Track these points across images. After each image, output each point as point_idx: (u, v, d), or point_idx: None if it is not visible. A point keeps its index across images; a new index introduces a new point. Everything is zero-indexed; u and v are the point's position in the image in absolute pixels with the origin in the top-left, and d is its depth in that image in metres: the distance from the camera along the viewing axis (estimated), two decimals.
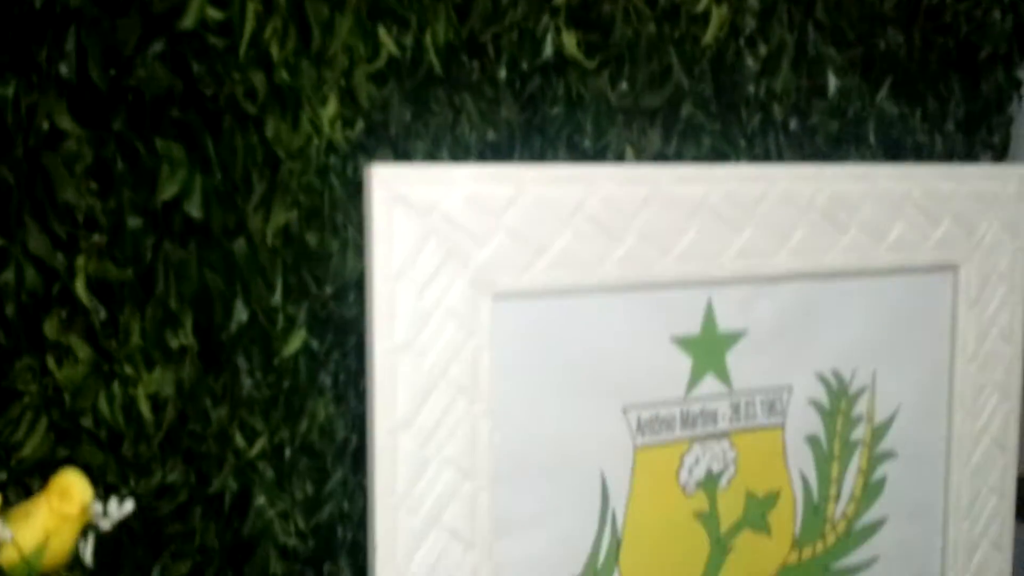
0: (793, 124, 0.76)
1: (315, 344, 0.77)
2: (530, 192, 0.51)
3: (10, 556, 0.36)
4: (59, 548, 0.38)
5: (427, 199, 0.49)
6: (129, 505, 0.41)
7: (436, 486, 0.50)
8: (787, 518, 0.62)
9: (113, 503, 0.40)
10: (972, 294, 0.67)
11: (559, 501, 0.55)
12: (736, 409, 0.60)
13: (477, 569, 0.52)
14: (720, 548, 0.60)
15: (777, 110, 0.75)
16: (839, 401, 0.63)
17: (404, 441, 0.49)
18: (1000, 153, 1.00)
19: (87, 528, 0.41)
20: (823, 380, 0.63)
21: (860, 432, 0.64)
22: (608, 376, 0.55)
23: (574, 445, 0.55)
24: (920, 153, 0.92)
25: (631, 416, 0.57)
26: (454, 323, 0.50)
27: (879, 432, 0.65)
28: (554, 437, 0.54)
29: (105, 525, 0.39)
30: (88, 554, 0.39)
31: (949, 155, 0.95)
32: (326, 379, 0.79)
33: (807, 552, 0.63)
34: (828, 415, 0.63)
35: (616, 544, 0.56)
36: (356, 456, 0.80)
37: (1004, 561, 0.71)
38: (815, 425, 0.63)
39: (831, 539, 0.64)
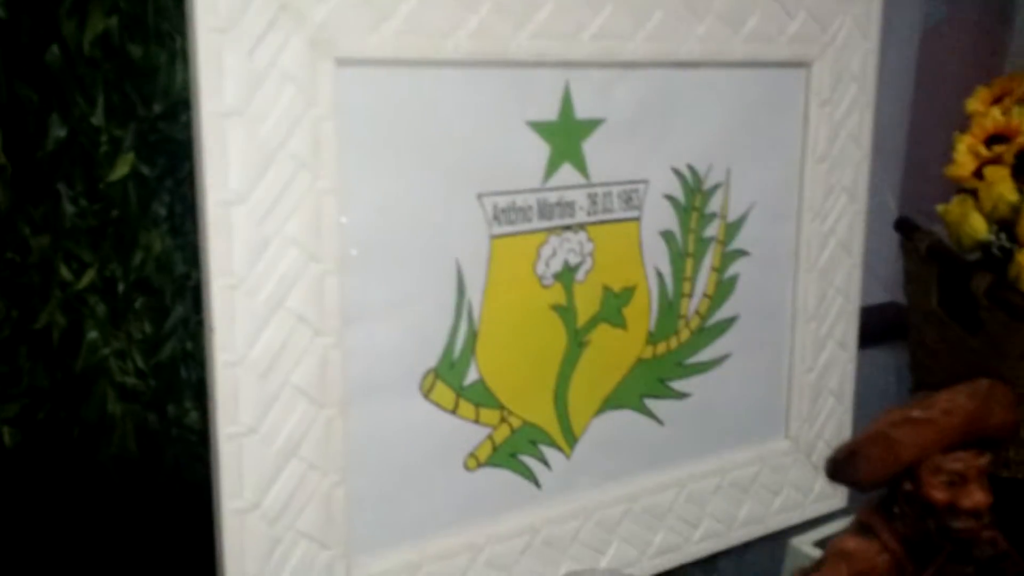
0: None
1: (145, 169, 0.71)
2: None
3: None
4: None
5: None
6: None
7: (278, 267, 0.47)
8: (642, 313, 0.62)
9: None
10: (824, 93, 0.67)
11: (412, 289, 0.52)
12: (593, 200, 0.58)
13: (326, 356, 0.49)
14: (576, 341, 0.59)
15: None
16: (694, 197, 0.63)
17: (239, 216, 0.45)
18: None
19: None
20: (679, 174, 0.62)
21: (714, 229, 0.64)
22: (462, 159, 0.53)
23: (427, 231, 0.52)
24: None
25: (486, 203, 0.54)
26: (292, 88, 0.46)
27: (732, 230, 0.65)
28: (406, 222, 0.51)
29: None
30: None
31: None
32: (160, 209, 0.73)
33: (661, 347, 0.63)
34: (683, 210, 0.62)
35: (472, 336, 0.55)
36: (197, 292, 0.75)
37: (848, 360, 0.73)
38: (670, 220, 0.62)
39: (685, 335, 0.64)
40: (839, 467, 0.45)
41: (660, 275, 0.62)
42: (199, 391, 0.78)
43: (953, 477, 0.43)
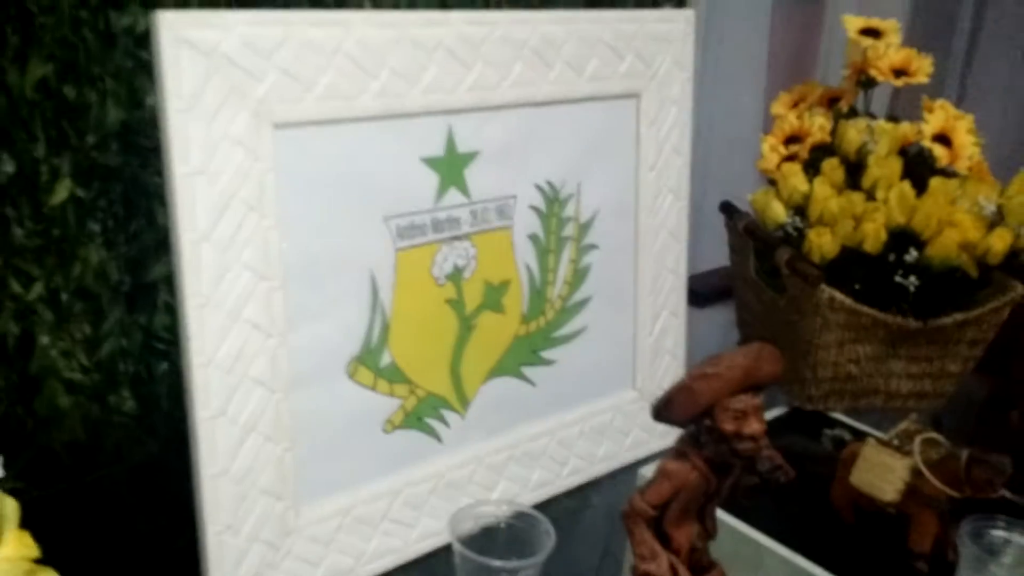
0: None
1: (82, 193, 0.82)
2: (296, 35, 0.60)
3: None
4: None
5: (208, 41, 0.57)
6: None
7: (236, 287, 0.60)
8: (516, 300, 0.78)
9: None
10: (651, 116, 0.84)
11: (338, 296, 0.67)
12: (474, 215, 0.74)
13: (275, 353, 0.63)
14: (466, 326, 0.75)
15: None
16: (553, 206, 0.79)
17: (206, 251, 0.58)
18: None
19: None
20: (540, 189, 0.78)
21: (570, 230, 0.81)
22: (371, 192, 0.67)
23: (348, 250, 0.67)
24: None
25: (391, 224, 0.69)
26: (241, 150, 0.59)
27: (584, 229, 0.82)
28: (332, 244, 0.65)
29: None
30: None
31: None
32: (95, 226, 0.85)
33: (533, 326, 0.80)
34: (545, 217, 0.79)
35: (385, 327, 0.70)
36: (129, 297, 0.87)
37: (680, 325, 0.91)
38: (535, 226, 0.78)
39: (550, 315, 0.81)
40: (659, 411, 0.63)
41: (529, 269, 0.78)
42: (135, 382, 0.89)
43: (738, 413, 0.61)
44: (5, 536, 0.42)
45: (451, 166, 0.71)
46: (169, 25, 0.55)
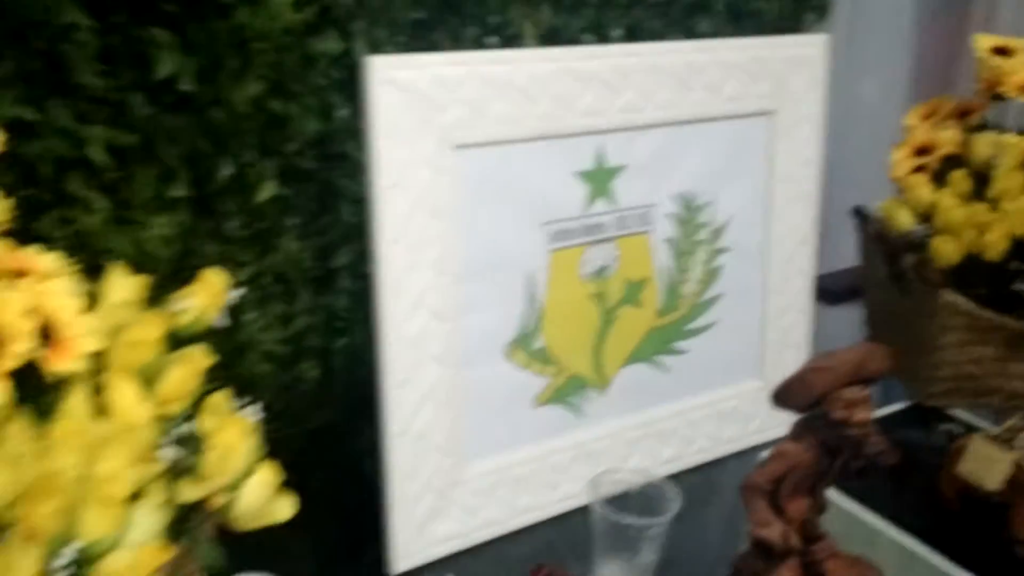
0: None
1: (282, 192, 0.96)
2: (476, 72, 0.72)
3: (187, 318, 0.57)
4: (211, 317, 0.60)
5: (407, 79, 0.69)
6: (236, 293, 0.62)
7: (420, 280, 0.73)
8: (653, 296, 0.88)
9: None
10: (784, 132, 0.92)
11: (501, 289, 0.79)
12: (619, 221, 0.84)
13: (449, 336, 0.76)
14: (608, 317, 0.86)
15: None
16: (689, 213, 0.89)
17: (399, 250, 0.71)
18: (821, 14, 1.24)
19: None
20: (678, 198, 0.88)
21: (704, 235, 0.90)
22: (531, 201, 0.79)
23: (511, 251, 0.78)
24: (758, 16, 1.15)
25: (547, 229, 0.80)
26: (428, 167, 0.72)
27: (717, 233, 0.91)
28: (497, 245, 0.78)
29: (230, 301, 0.60)
30: (222, 320, 0.61)
31: (780, 18, 1.19)
32: (292, 220, 0.99)
33: (667, 319, 0.90)
34: (681, 223, 0.88)
35: (539, 317, 0.81)
36: (317, 281, 1.01)
37: (805, 322, 0.99)
38: (672, 231, 0.88)
39: (684, 310, 0.91)
40: (777, 398, 0.72)
41: (665, 269, 0.88)
42: (318, 355, 1.04)
43: (848, 403, 0.70)
44: (261, 464, 0.56)
45: (600, 179, 0.82)
46: (377, 67, 0.68)
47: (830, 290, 1.32)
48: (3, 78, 0.76)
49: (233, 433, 0.53)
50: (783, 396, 0.73)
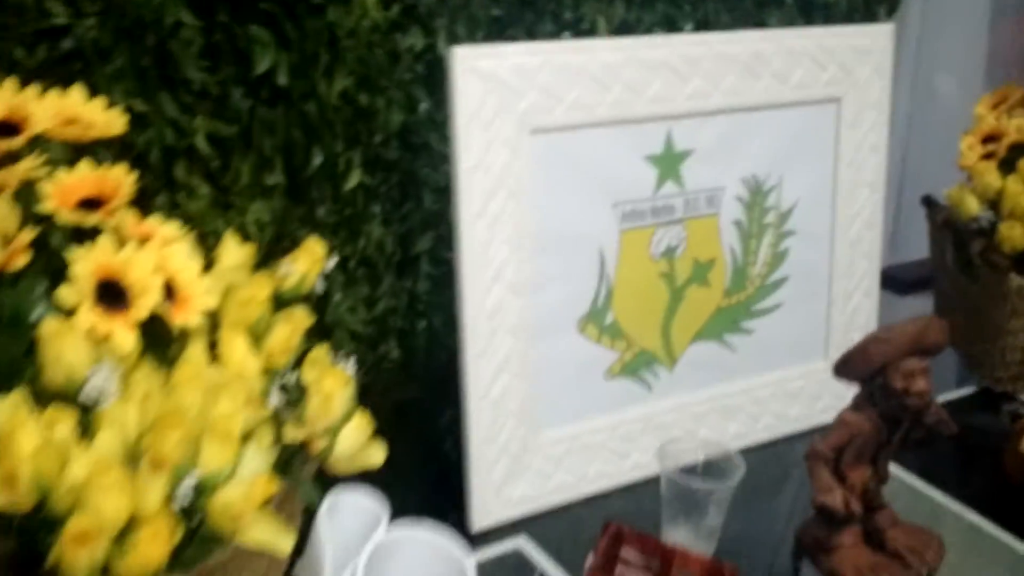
0: None
1: (368, 180, 1.02)
2: (553, 60, 0.77)
3: (291, 281, 0.63)
4: (311, 281, 0.66)
5: (488, 68, 0.75)
6: (332, 261, 0.68)
7: (498, 256, 0.78)
8: (720, 276, 0.92)
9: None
10: (850, 119, 0.95)
11: (574, 266, 0.83)
12: (687, 203, 0.88)
13: (523, 310, 0.81)
14: (676, 296, 0.89)
15: None
16: (756, 197, 0.92)
17: (479, 226, 0.76)
18: (891, 8, 1.26)
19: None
20: (745, 182, 0.91)
21: (770, 218, 0.93)
22: (603, 183, 0.83)
23: (583, 229, 0.83)
24: (827, 10, 1.18)
25: (618, 210, 0.85)
26: (506, 150, 0.77)
27: (783, 217, 0.94)
28: (571, 224, 0.82)
29: (326, 269, 0.66)
30: (319, 286, 0.66)
31: (850, 11, 1.21)
32: (376, 207, 1.04)
33: (734, 299, 0.93)
34: (748, 207, 0.92)
35: (609, 293, 0.86)
36: (399, 266, 1.07)
37: (872, 305, 1.02)
38: (740, 213, 0.91)
39: (750, 290, 0.94)
40: (839, 369, 0.75)
41: (733, 250, 0.92)
42: (400, 336, 1.09)
43: (906, 373, 0.72)
44: (356, 413, 0.61)
45: (669, 162, 0.86)
46: (461, 56, 0.73)
47: (901, 279, 1.34)
48: (117, 72, 0.83)
49: (332, 382, 0.58)
50: (844, 367, 0.76)
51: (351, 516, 0.38)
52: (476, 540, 0.81)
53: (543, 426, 0.84)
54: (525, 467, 0.84)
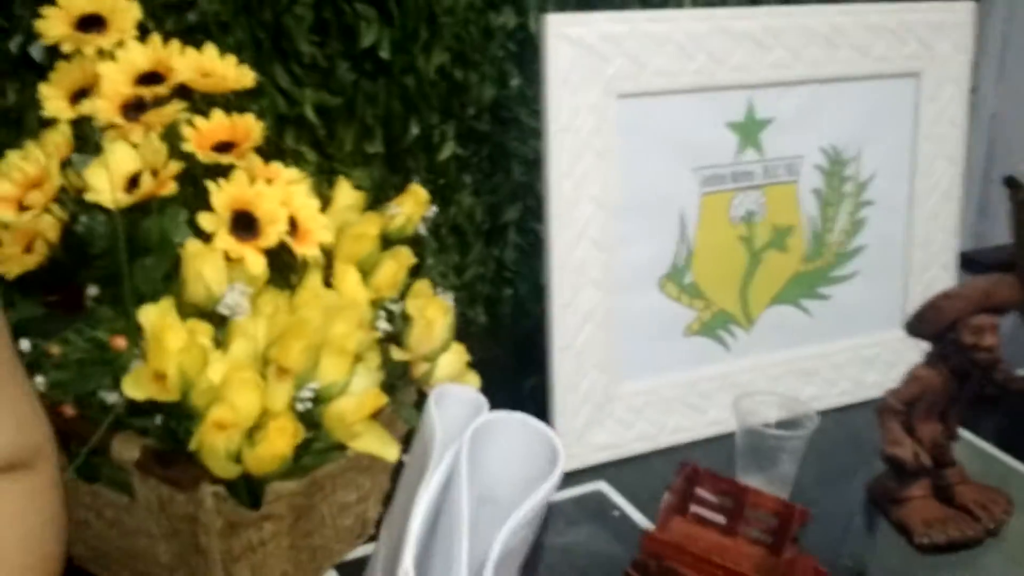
0: None
1: (460, 152, 1.08)
2: (639, 28, 0.82)
3: (398, 221, 0.70)
4: (415, 223, 0.72)
5: (577, 35, 0.80)
6: (434, 209, 0.74)
7: (584, 213, 0.83)
8: (798, 243, 0.95)
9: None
10: (930, 93, 0.97)
11: (655, 226, 0.88)
12: (766, 170, 0.92)
13: (607, 264, 0.85)
14: (754, 259, 0.93)
15: None
16: (835, 166, 0.95)
17: (566, 184, 0.82)
18: None
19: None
20: (824, 152, 0.94)
21: (849, 187, 0.96)
22: (685, 148, 0.88)
23: (665, 191, 0.88)
24: None
25: (699, 174, 0.89)
26: (593, 114, 0.82)
27: (862, 187, 0.97)
28: (653, 186, 0.87)
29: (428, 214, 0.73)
30: (422, 230, 0.73)
31: None
32: (467, 177, 1.10)
33: (811, 265, 0.96)
34: (827, 175, 0.95)
35: (689, 254, 0.90)
36: (487, 234, 1.12)
37: (949, 278, 1.03)
38: (819, 182, 0.95)
39: (828, 257, 0.97)
40: (911, 326, 0.78)
41: (811, 218, 0.95)
42: (487, 302, 1.15)
43: (976, 329, 0.75)
44: (453, 343, 0.67)
45: (749, 130, 0.90)
46: (552, 24, 0.78)
47: (981, 262, 1.34)
48: (236, 43, 0.91)
49: (434, 310, 0.64)
50: (917, 323, 0.79)
51: (455, 405, 0.43)
52: None
53: (624, 378, 0.89)
54: (607, 415, 0.88)
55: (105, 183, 0.56)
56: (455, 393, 0.43)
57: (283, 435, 0.54)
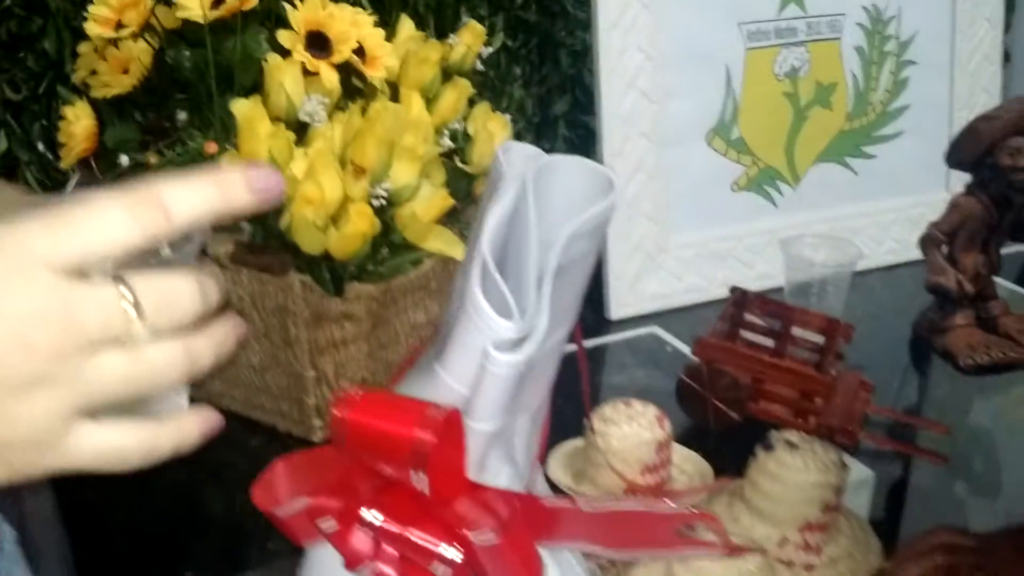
0: None
1: (509, 43, 1.11)
2: None
3: (458, 51, 0.75)
4: (473, 55, 0.76)
5: None
6: (489, 48, 0.78)
7: (632, 62, 0.87)
8: (842, 100, 0.98)
9: None
10: None
11: (702, 80, 0.91)
12: (809, 26, 0.95)
13: (656, 116, 0.89)
14: (800, 116, 0.96)
15: None
16: (876, 24, 0.98)
17: (614, 36, 0.86)
18: None
19: None
20: (866, 10, 0.97)
21: (891, 46, 0.99)
22: (729, 2, 0.91)
23: (710, 46, 0.91)
24: None
25: (743, 29, 0.92)
26: (639, 4, 0.86)
27: (903, 46, 0.99)
28: (698, 40, 0.90)
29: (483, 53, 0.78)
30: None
31: None
32: (517, 69, 1.13)
33: (856, 123, 0.99)
34: (869, 33, 0.98)
35: (735, 109, 0.94)
36: (537, 127, 1.16)
37: None
38: (861, 39, 0.97)
39: (872, 116, 1.00)
40: (950, 155, 0.81)
41: (854, 75, 0.98)
42: None
43: (1013, 150, 0.78)
44: None
45: None
46: None
47: None
48: None
49: (495, 124, 0.69)
50: (955, 151, 0.82)
51: (520, 159, 0.47)
52: (614, 325, 0.91)
53: (674, 229, 0.93)
54: (658, 266, 0.93)
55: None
56: (519, 148, 0.48)
57: (363, 217, 0.60)
